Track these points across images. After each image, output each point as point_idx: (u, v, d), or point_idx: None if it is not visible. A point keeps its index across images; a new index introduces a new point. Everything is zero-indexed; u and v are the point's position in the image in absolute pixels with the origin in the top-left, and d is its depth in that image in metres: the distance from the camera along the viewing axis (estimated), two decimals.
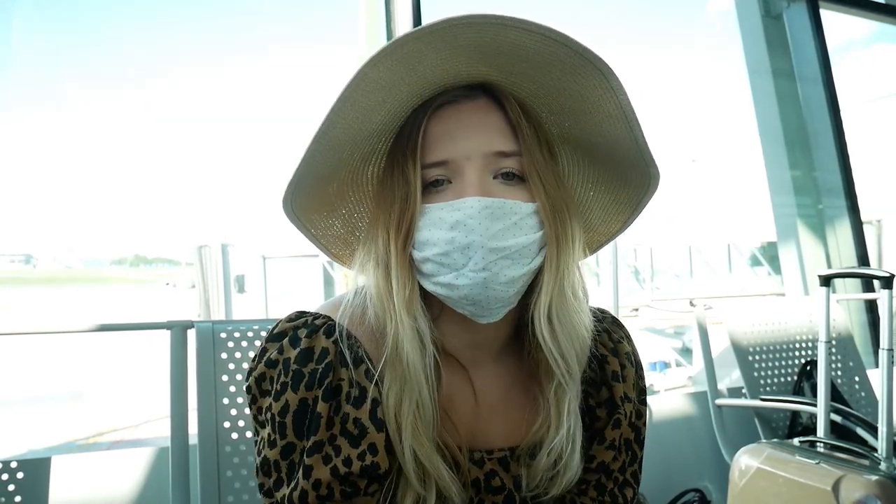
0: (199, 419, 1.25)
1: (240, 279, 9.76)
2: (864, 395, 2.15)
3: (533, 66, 0.61)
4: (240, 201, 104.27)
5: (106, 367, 9.65)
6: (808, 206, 3.21)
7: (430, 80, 0.62)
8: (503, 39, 0.58)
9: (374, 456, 0.62)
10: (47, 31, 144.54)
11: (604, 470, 0.71)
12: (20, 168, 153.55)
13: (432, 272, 0.63)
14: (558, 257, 0.64)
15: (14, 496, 1.20)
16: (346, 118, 0.60)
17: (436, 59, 0.59)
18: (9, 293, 30.81)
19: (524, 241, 0.61)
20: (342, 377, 0.64)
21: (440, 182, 0.63)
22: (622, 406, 0.72)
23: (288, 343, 0.65)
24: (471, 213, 0.59)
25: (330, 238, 0.75)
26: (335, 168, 0.67)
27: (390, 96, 0.62)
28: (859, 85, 4.92)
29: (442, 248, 0.61)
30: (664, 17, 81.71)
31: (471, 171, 0.62)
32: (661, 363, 6.65)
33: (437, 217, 0.61)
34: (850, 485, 1.14)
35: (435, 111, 0.64)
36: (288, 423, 0.63)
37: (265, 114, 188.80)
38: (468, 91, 0.65)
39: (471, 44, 0.58)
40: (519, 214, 0.61)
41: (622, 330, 0.79)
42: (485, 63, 0.62)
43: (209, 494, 1.21)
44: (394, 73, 0.59)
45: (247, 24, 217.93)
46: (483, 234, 0.59)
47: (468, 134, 0.63)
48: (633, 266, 15.04)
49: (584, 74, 0.60)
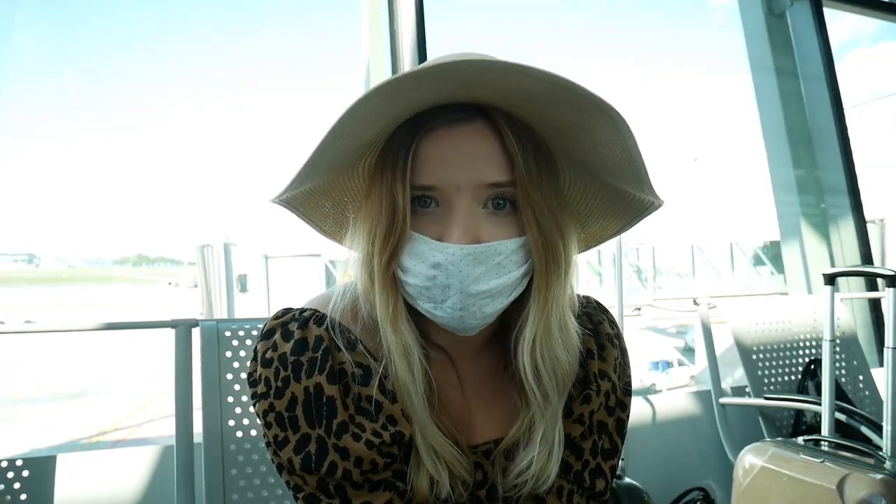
0: (203, 418, 1.25)
1: (242, 278, 9.78)
2: (868, 394, 2.15)
3: (535, 104, 0.59)
4: (242, 201, 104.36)
5: (108, 366, 9.66)
6: (812, 204, 3.21)
7: (422, 104, 0.61)
8: (503, 82, 0.56)
9: (395, 426, 0.63)
10: (49, 29, 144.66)
11: (568, 444, 0.70)
12: (22, 168, 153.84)
13: (415, 296, 0.63)
14: (548, 293, 0.63)
15: (20, 494, 1.21)
16: (335, 146, 0.60)
17: (430, 88, 0.58)
18: (11, 293, 30.85)
19: (506, 281, 0.61)
20: (342, 360, 0.65)
21: (428, 202, 0.62)
22: (595, 382, 0.71)
23: (280, 338, 0.65)
24: (452, 260, 0.59)
25: (320, 216, 0.74)
26: (324, 172, 0.67)
27: (380, 119, 0.61)
28: (863, 82, 4.91)
29: (423, 283, 0.61)
30: (666, 15, 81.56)
31: (459, 202, 0.60)
32: (663, 362, 6.65)
33: (420, 251, 0.61)
34: (854, 483, 1.14)
35: (427, 132, 0.61)
36: (299, 414, 0.62)
37: (266, 114, 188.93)
38: (463, 113, 0.61)
39: (468, 81, 0.57)
40: (503, 254, 0.61)
41: (605, 314, 0.78)
42: (484, 96, 0.60)
43: (214, 492, 1.22)
44: (384, 103, 0.58)
45: (247, 24, 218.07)
46: (463, 280, 0.59)
47: (459, 162, 0.60)
48: (636, 265, 15.03)
49: (591, 114, 0.58)
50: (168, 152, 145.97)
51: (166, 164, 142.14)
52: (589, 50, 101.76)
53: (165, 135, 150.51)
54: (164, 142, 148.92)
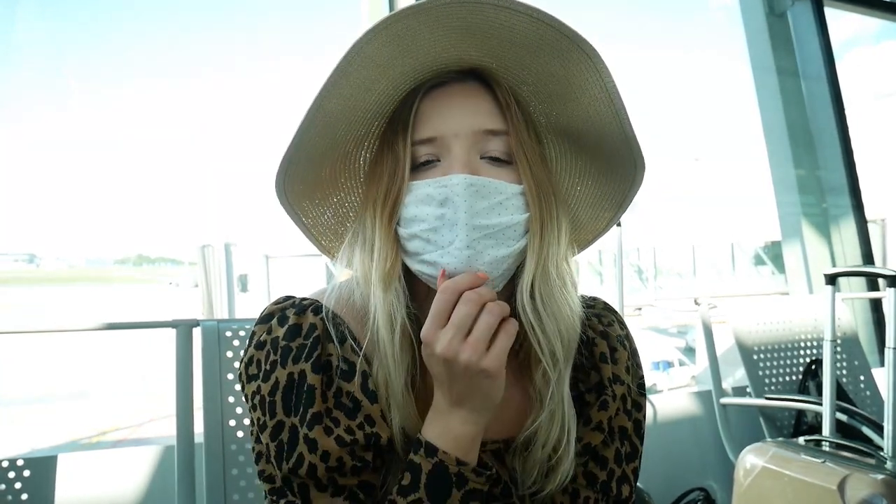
0: (204, 417, 1.25)
1: (243, 278, 9.77)
2: (869, 394, 2.15)
3: (521, 49, 0.62)
4: (243, 201, 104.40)
5: (109, 366, 9.67)
6: (813, 204, 3.21)
7: (422, 61, 0.63)
8: (493, 20, 0.59)
9: (373, 427, 0.63)
10: (50, 30, 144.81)
11: (591, 453, 0.69)
12: (23, 168, 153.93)
13: (418, 250, 0.63)
14: (542, 239, 0.64)
15: (21, 494, 1.21)
16: (341, 92, 0.61)
17: (428, 38, 0.61)
18: (13, 292, 30.87)
19: (508, 221, 0.62)
20: (331, 353, 0.65)
21: (429, 162, 0.64)
22: (610, 387, 0.71)
23: (276, 322, 0.66)
24: (457, 191, 0.60)
25: (320, 228, 0.75)
26: (329, 148, 0.68)
27: (384, 74, 0.63)
28: (865, 82, 4.89)
29: (430, 224, 0.62)
30: (667, 14, 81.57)
31: (458, 148, 0.63)
32: (664, 362, 6.63)
33: (424, 193, 0.62)
34: (855, 484, 1.14)
35: (427, 92, 0.66)
36: (277, 400, 0.63)
37: (266, 114, 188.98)
38: (459, 75, 0.66)
39: (461, 24, 0.60)
40: (504, 194, 0.62)
41: (614, 315, 0.78)
42: (475, 47, 0.63)
43: (215, 492, 1.22)
44: (387, 50, 0.60)
45: (248, 24, 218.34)
46: (468, 210, 0.60)
47: (457, 112, 0.64)
48: (637, 265, 15.03)
49: (570, 57, 0.61)
50: (169, 152, 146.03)
51: (167, 164, 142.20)
52: None
53: (166, 135, 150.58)
54: (165, 142, 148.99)
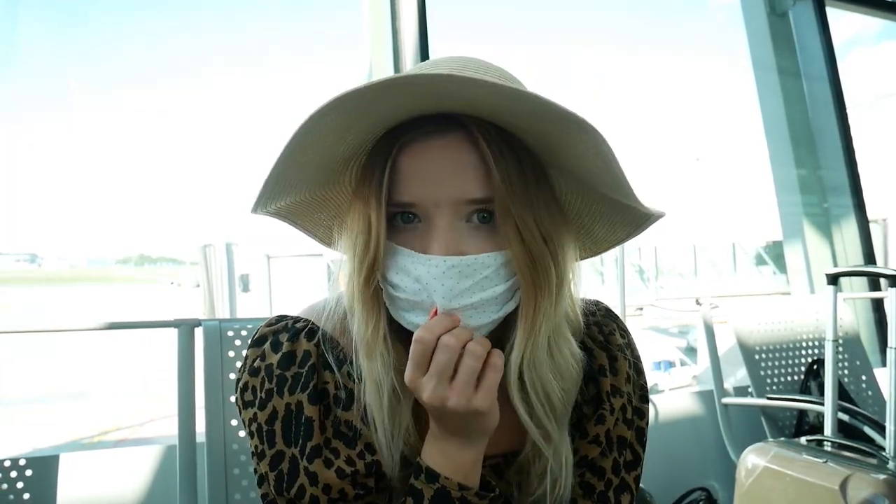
0: (206, 417, 1.25)
1: (244, 278, 9.76)
2: (871, 394, 2.15)
3: (507, 115, 0.56)
4: (244, 201, 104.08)
5: (111, 366, 9.68)
6: (814, 204, 3.20)
7: (393, 117, 0.58)
8: (470, 94, 0.53)
9: (373, 455, 0.62)
10: (53, 30, 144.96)
11: (588, 466, 0.68)
12: (25, 168, 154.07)
13: (405, 308, 0.60)
14: (535, 308, 0.59)
15: (23, 493, 1.21)
16: (298, 161, 0.58)
17: (395, 101, 0.55)
18: (14, 292, 30.91)
19: (490, 295, 0.58)
20: (327, 380, 0.64)
21: (411, 218, 0.60)
22: (608, 401, 0.69)
23: (269, 348, 0.65)
24: (434, 273, 0.57)
25: (315, 225, 0.72)
26: (304, 185, 0.64)
27: (349, 133, 0.58)
28: (866, 82, 4.88)
29: (408, 295, 0.58)
30: (668, 14, 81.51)
31: (439, 219, 0.57)
32: (665, 362, 6.62)
33: (402, 264, 0.59)
34: (857, 484, 1.14)
35: (403, 147, 0.59)
36: (277, 430, 0.62)
37: (267, 114, 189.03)
38: (440, 124, 0.58)
39: (434, 93, 0.54)
40: (491, 267, 0.58)
41: (616, 322, 0.76)
42: (451, 106, 0.56)
43: (216, 492, 1.22)
44: (348, 118, 0.55)
45: (249, 25, 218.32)
46: (446, 294, 0.57)
47: (437, 178, 0.57)
48: (638, 265, 15.01)
49: (567, 127, 0.55)
50: (170, 152, 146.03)
51: (169, 163, 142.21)
52: (589, 48, 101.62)
53: (167, 135, 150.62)
54: (167, 142, 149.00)
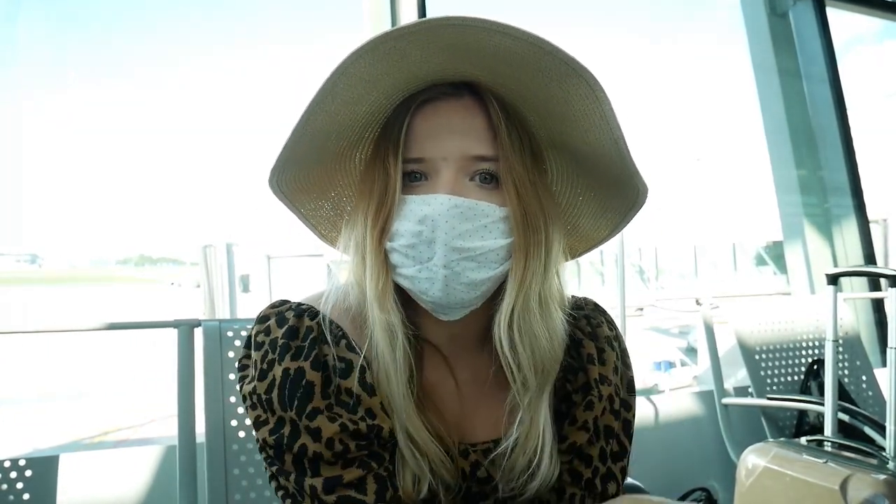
0: (206, 417, 1.25)
1: (244, 279, 9.78)
2: (871, 394, 2.15)
3: (518, 70, 0.60)
4: (244, 201, 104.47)
5: (111, 366, 9.68)
6: (815, 205, 3.20)
7: (414, 76, 0.62)
8: (486, 42, 0.57)
9: (373, 419, 0.63)
10: (53, 31, 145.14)
11: (576, 452, 0.70)
12: (26, 168, 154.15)
13: (398, 263, 0.63)
14: (525, 267, 0.63)
15: (23, 494, 1.21)
16: (328, 109, 0.61)
17: (419, 56, 0.59)
18: (15, 292, 30.93)
19: (491, 245, 0.62)
20: (326, 353, 0.66)
21: (419, 177, 0.64)
22: (596, 388, 0.71)
23: (275, 323, 0.67)
24: (439, 210, 0.60)
25: (319, 219, 0.75)
26: (321, 153, 0.68)
27: (374, 89, 0.62)
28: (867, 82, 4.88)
29: (408, 240, 0.61)
30: (668, 14, 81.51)
31: (446, 171, 0.62)
32: (665, 363, 6.61)
33: (408, 209, 0.62)
34: (858, 484, 1.13)
35: (419, 108, 0.64)
36: (274, 397, 0.63)
37: (268, 114, 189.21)
38: (453, 89, 0.65)
39: (453, 44, 0.58)
40: (490, 217, 0.62)
41: (603, 316, 0.78)
42: (469, 63, 0.61)
43: (216, 493, 1.22)
44: (376, 68, 0.59)
45: (251, 24, 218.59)
46: (449, 232, 0.60)
47: (447, 135, 0.63)
48: (638, 265, 15.01)
49: (569, 82, 0.59)
50: (171, 152, 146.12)
51: (169, 164, 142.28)
52: (588, 48, 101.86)
53: (168, 134, 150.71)
54: (167, 142, 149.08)
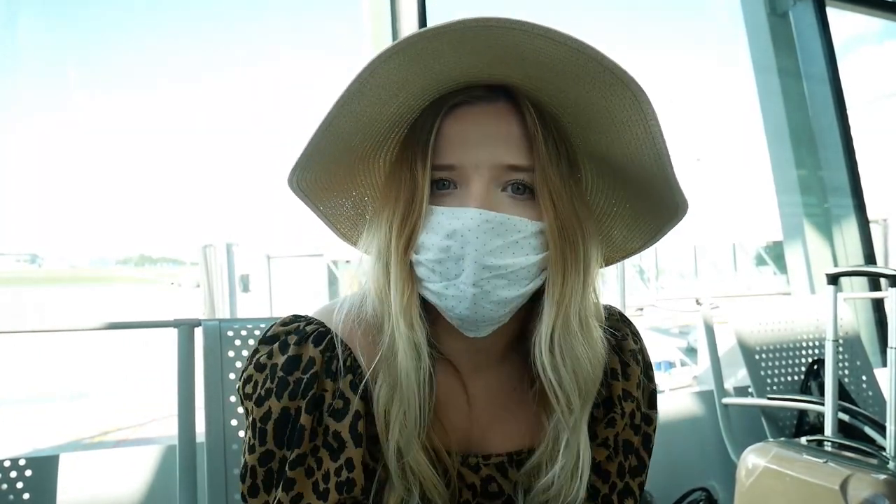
0: (206, 417, 1.25)
1: (244, 278, 9.78)
2: (871, 394, 2.14)
3: (558, 76, 0.56)
4: (244, 201, 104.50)
5: (111, 366, 9.69)
6: (815, 205, 3.20)
7: (447, 78, 0.59)
8: (525, 46, 0.53)
9: (351, 472, 0.61)
10: (53, 32, 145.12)
11: (595, 469, 0.68)
12: (26, 168, 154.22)
13: (424, 277, 0.60)
14: (563, 284, 0.60)
15: (23, 493, 1.21)
16: (353, 109, 0.58)
17: (453, 57, 0.56)
18: (15, 292, 30.92)
19: (523, 262, 0.58)
20: (326, 388, 0.63)
21: (447, 185, 0.60)
22: (619, 405, 0.69)
23: (277, 348, 0.65)
24: (469, 225, 0.56)
25: (339, 217, 0.72)
26: (344, 153, 0.64)
27: (403, 90, 0.58)
28: (867, 82, 4.88)
29: (435, 255, 0.58)
30: (667, 14, 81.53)
31: (477, 181, 0.58)
32: (666, 363, 6.62)
33: (436, 222, 0.58)
34: (858, 484, 1.14)
35: (450, 111, 0.60)
36: (269, 430, 0.62)
37: (268, 114, 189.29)
38: (487, 93, 0.60)
39: (490, 45, 0.54)
40: (522, 233, 0.58)
41: (629, 327, 0.75)
42: (506, 66, 0.57)
43: (216, 492, 1.22)
44: (407, 69, 0.56)
45: (251, 28, 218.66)
46: (479, 248, 0.56)
47: (480, 141, 0.59)
48: (638, 265, 15.00)
49: (612, 91, 0.55)
50: (171, 152, 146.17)
51: (169, 164, 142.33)
52: None
53: (168, 134, 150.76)
54: (167, 142, 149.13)
